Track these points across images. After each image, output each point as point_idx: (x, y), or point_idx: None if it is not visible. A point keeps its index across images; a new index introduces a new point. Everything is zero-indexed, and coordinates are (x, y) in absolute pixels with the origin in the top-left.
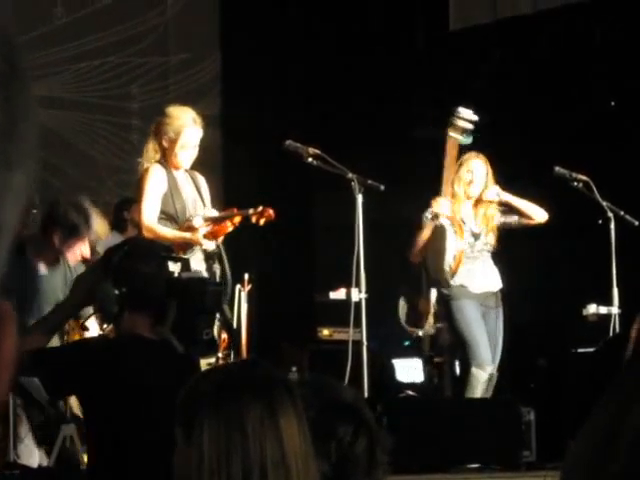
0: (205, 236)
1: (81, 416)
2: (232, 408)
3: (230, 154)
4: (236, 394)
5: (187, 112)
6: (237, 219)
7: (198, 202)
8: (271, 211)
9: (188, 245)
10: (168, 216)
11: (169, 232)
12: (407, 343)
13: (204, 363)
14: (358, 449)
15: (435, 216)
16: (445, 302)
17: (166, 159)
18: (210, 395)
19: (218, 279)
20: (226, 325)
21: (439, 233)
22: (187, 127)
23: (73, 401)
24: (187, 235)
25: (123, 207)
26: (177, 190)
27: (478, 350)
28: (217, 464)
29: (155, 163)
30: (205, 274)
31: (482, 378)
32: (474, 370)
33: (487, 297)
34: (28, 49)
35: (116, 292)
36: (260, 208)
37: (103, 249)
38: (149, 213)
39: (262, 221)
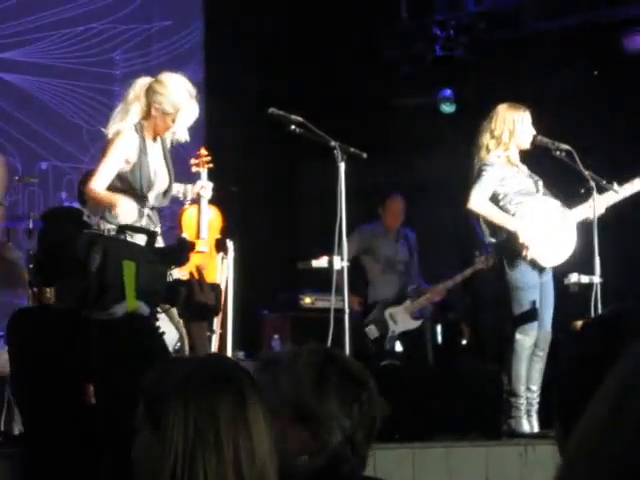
0: None
1: None
2: (203, 399)
3: (213, 121)
4: (206, 386)
5: (185, 84)
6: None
7: (164, 174)
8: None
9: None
10: (131, 188)
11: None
12: None
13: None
14: (369, 415)
15: None
16: None
17: (145, 126)
18: (179, 386)
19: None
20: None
21: None
22: (185, 102)
23: None
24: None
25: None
26: (146, 161)
27: None
28: (190, 457)
29: (130, 129)
30: None
31: None
32: None
33: None
34: (12, 14)
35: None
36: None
37: None
38: (102, 179)
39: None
